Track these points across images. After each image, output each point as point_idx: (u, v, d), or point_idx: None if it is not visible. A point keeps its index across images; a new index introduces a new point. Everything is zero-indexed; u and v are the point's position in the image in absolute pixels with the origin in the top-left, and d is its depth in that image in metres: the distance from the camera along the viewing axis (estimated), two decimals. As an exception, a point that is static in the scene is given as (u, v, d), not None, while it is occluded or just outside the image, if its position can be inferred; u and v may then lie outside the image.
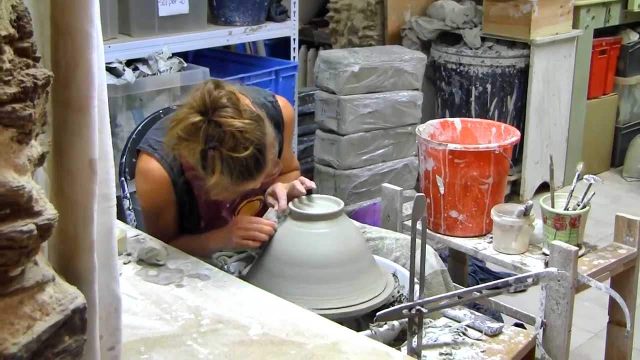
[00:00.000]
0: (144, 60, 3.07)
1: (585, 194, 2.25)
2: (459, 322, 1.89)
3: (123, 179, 2.40)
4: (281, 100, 2.20)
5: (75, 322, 0.85)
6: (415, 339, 1.68)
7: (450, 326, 1.87)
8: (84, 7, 0.81)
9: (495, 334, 1.84)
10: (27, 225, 0.78)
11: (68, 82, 0.85)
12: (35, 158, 0.80)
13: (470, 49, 4.20)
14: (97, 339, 0.95)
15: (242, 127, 1.81)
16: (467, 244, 2.43)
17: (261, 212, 2.14)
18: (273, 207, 2.03)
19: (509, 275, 2.32)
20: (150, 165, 2.01)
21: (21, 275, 0.80)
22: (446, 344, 1.80)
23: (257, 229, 1.97)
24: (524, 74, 4.18)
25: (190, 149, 1.84)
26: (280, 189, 2.03)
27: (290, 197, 2.02)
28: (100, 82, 0.90)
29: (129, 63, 3.03)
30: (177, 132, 1.85)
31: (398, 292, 2.03)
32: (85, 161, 0.88)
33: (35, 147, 0.79)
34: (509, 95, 4.21)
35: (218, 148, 1.81)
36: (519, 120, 4.25)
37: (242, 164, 1.83)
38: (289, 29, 3.67)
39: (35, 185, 0.79)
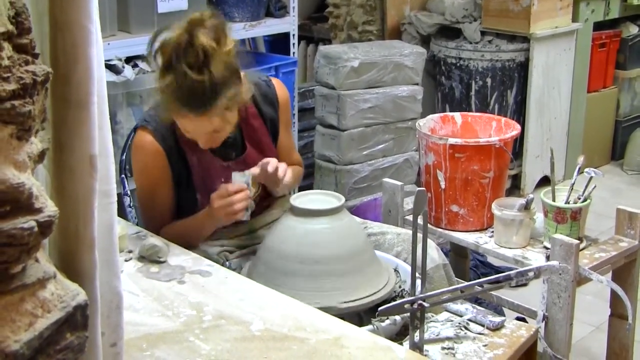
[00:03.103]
0: (143, 57, 3.06)
1: (586, 187, 2.25)
2: (461, 316, 1.89)
3: (123, 176, 2.40)
4: (275, 81, 2.24)
5: (77, 319, 0.85)
6: (417, 333, 1.68)
7: (452, 320, 1.87)
8: (82, 3, 0.81)
9: (497, 328, 1.84)
10: (28, 222, 0.77)
11: (67, 78, 0.84)
12: (35, 155, 0.79)
13: (470, 43, 4.19)
14: (99, 335, 0.95)
15: (208, 49, 1.86)
16: (468, 238, 2.43)
17: (260, 194, 2.15)
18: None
19: (511, 269, 2.31)
20: (144, 138, 2.05)
21: (22, 272, 0.80)
22: (448, 339, 1.80)
23: (232, 203, 1.98)
24: (523, 68, 4.17)
25: (164, 53, 1.90)
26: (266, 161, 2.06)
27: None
28: (100, 78, 0.89)
29: (129, 60, 3.02)
30: (157, 44, 1.93)
31: (400, 287, 2.03)
32: (86, 157, 0.87)
33: (35, 144, 0.79)
34: (509, 89, 4.20)
35: (181, 58, 1.86)
36: (519, 114, 4.25)
37: (191, 85, 1.87)
38: (289, 24, 3.66)
39: (36, 182, 0.79)
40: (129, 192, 2.36)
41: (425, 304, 1.66)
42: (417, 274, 1.68)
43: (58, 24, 0.83)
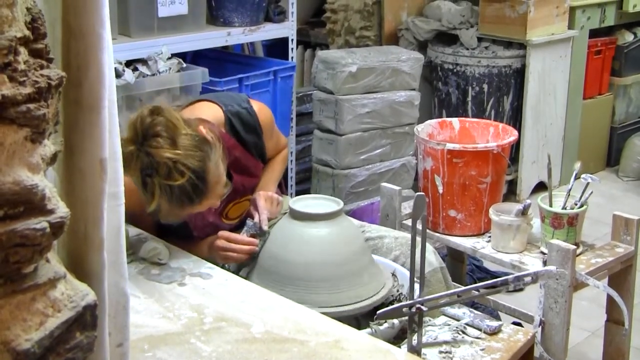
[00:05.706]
0: (143, 61, 3.07)
1: (583, 193, 2.27)
2: (458, 320, 1.90)
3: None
4: (256, 105, 2.21)
5: (87, 319, 0.86)
6: (415, 337, 1.69)
7: (449, 324, 1.88)
8: (96, 9, 0.83)
9: (494, 332, 1.85)
10: (41, 223, 0.79)
11: (79, 82, 0.86)
12: (48, 157, 0.81)
13: (467, 49, 4.22)
14: (107, 335, 0.96)
15: (174, 158, 1.79)
16: (465, 242, 2.45)
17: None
18: (253, 218, 2.09)
19: (506, 274, 2.33)
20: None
21: (34, 272, 0.81)
22: (446, 342, 1.81)
23: (234, 250, 2.02)
24: (520, 74, 4.20)
25: (131, 174, 1.81)
26: (262, 202, 2.09)
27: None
28: (110, 82, 0.91)
29: (129, 64, 3.03)
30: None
31: (397, 291, 2.05)
32: (96, 160, 0.89)
33: (48, 147, 0.81)
34: (506, 95, 4.23)
35: (154, 176, 1.80)
36: (515, 120, 4.27)
37: (179, 190, 1.81)
38: (287, 29, 3.67)
39: (48, 184, 0.80)
40: (128, 195, 2.38)
41: (424, 308, 1.67)
42: (415, 278, 1.70)
43: (71, 30, 0.84)
